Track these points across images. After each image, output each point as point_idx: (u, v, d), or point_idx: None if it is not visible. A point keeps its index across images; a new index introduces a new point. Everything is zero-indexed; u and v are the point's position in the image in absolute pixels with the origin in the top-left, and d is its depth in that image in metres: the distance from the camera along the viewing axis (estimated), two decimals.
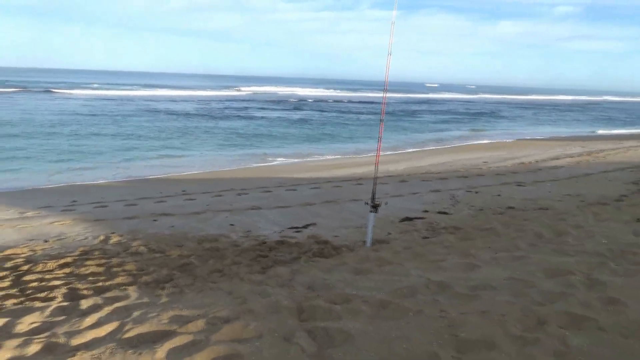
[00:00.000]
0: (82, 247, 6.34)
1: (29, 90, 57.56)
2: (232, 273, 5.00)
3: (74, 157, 17.62)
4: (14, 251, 6.13)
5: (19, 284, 4.71)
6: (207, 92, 72.44)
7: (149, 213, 8.90)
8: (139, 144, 21.39)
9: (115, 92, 62.53)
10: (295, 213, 8.81)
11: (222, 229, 7.59)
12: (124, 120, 30.09)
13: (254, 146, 22.05)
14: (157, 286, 4.52)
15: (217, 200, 10.19)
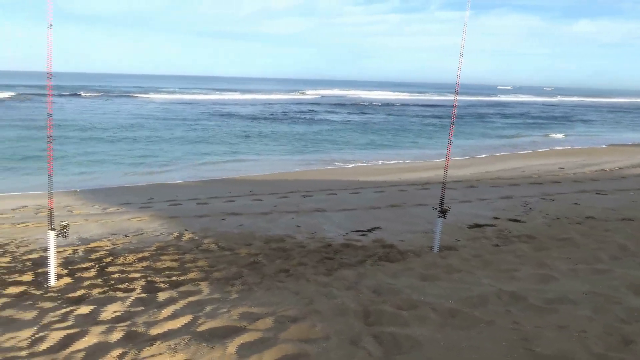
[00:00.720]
0: (158, 242, 6.71)
1: (111, 94, 61.80)
2: (298, 273, 5.07)
3: (150, 158, 18.70)
4: (98, 244, 6.59)
5: (103, 274, 5.06)
6: (273, 95, 74.20)
7: (218, 212, 9.24)
8: (209, 145, 22.30)
9: (188, 96, 65.59)
10: (359, 216, 8.79)
11: (288, 229, 7.73)
12: (195, 123, 31.53)
13: (318, 149, 22.27)
14: (227, 283, 4.68)
15: (283, 202, 10.39)
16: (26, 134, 24.27)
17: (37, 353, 3.12)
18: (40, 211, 9.57)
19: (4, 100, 47.95)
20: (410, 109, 54.63)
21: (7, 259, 5.82)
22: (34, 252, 6.11)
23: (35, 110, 37.47)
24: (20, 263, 5.60)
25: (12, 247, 6.45)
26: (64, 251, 6.09)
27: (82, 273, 5.07)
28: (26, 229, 7.76)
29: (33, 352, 3.13)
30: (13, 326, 3.50)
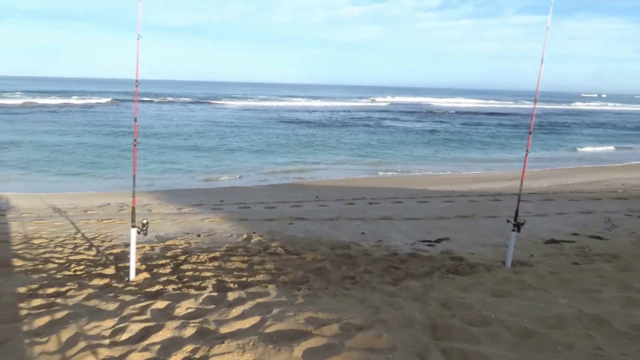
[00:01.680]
0: (228, 243, 6.94)
1: (188, 101, 65.06)
2: (364, 281, 5.04)
3: (221, 162, 19.46)
4: (173, 242, 6.94)
5: (178, 271, 5.31)
6: (343, 102, 74.50)
7: (285, 216, 9.41)
8: (277, 151, 22.83)
9: (259, 102, 67.59)
10: (427, 226, 8.59)
11: (354, 236, 7.71)
12: (263, 130, 32.41)
13: (384, 156, 22.09)
14: (294, 287, 4.74)
15: (348, 208, 10.39)
16: (111, 136, 26.19)
17: (117, 343, 3.33)
18: (122, 209, 10.25)
19: (102, 105, 52.24)
20: (483, 117, 52.76)
21: (93, 252, 6.27)
22: (117, 247, 6.54)
23: (120, 114, 40.35)
24: (104, 257, 6.02)
25: (97, 242, 6.95)
26: (142, 248, 6.47)
27: (159, 269, 5.36)
28: (110, 225, 8.34)
29: (114, 342, 3.34)
30: (97, 316, 3.76)
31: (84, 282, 4.75)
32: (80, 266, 5.47)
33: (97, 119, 36.75)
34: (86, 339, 3.34)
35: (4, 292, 4.33)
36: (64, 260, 5.76)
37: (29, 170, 16.63)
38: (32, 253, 6.14)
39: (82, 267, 5.42)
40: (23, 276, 4.98)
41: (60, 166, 17.64)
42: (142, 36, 4.77)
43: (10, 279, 4.81)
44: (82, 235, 7.48)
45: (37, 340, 3.33)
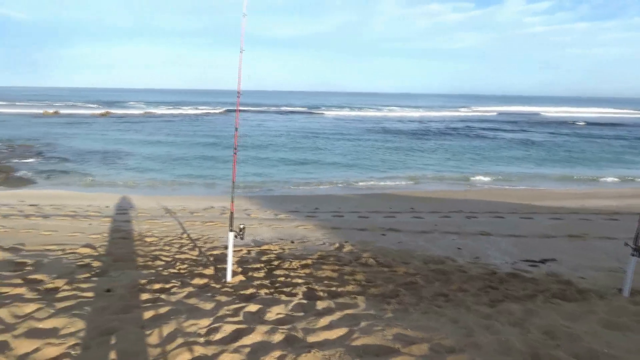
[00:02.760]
0: (320, 251, 7.02)
1: (289, 110, 67.56)
2: (457, 300, 4.80)
3: (317, 170, 19.84)
4: (268, 247, 7.18)
5: (271, 276, 5.48)
6: (443, 112, 72.40)
7: (378, 226, 9.31)
8: (372, 160, 22.77)
9: (358, 112, 68.14)
10: (530, 244, 7.98)
11: (449, 251, 7.39)
12: (361, 138, 32.55)
13: (484, 167, 21.02)
14: (384, 300, 4.65)
15: (444, 221, 10.01)
16: (218, 144, 27.99)
17: (211, 342, 3.50)
18: (224, 212, 10.85)
19: (216, 114, 56.40)
20: (598, 127, 48.13)
21: (195, 252, 6.70)
22: (217, 249, 6.92)
23: (229, 123, 43.04)
24: (205, 257, 6.40)
25: (200, 243, 7.42)
26: (240, 251, 6.78)
27: (254, 273, 5.56)
28: (212, 228, 8.86)
29: (208, 340, 3.52)
30: (195, 314, 3.99)
31: (186, 281, 5.08)
32: (184, 265, 5.86)
33: (209, 127, 39.57)
34: (184, 335, 3.56)
35: (118, 285, 4.78)
36: (171, 259, 6.22)
37: (146, 174, 18.31)
38: (144, 250, 6.72)
39: (185, 266, 5.80)
40: (135, 271, 5.45)
41: (172, 170, 19.19)
42: (244, 50, 5.04)
43: (124, 273, 5.29)
44: (187, 235, 8.04)
45: (142, 332, 3.62)
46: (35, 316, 3.80)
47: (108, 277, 5.13)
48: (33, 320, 3.71)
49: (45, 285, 4.70)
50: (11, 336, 3.43)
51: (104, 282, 4.89)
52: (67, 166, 19.13)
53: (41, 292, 4.48)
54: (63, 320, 3.74)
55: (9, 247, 6.58)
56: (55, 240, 7.31)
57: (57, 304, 4.09)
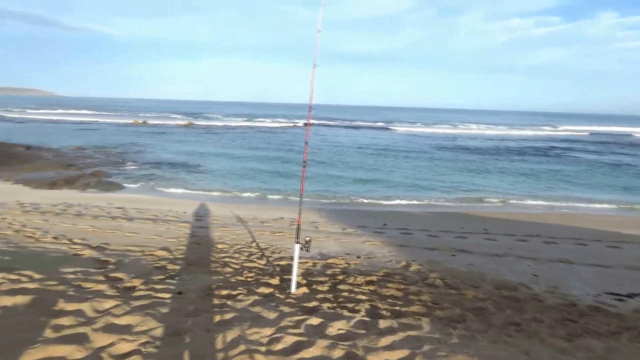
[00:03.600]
0: (385, 269, 6.91)
1: (359, 125, 67.73)
2: (531, 330, 4.50)
3: (387, 186, 19.63)
4: (334, 261, 7.19)
5: (334, 290, 5.47)
6: (523, 131, 69.00)
7: (448, 247, 9.01)
8: (444, 177, 22.15)
9: (432, 129, 66.85)
10: (617, 276, 7.34)
11: (524, 277, 6.98)
12: (431, 155, 31.83)
13: (564, 191, 19.71)
14: (449, 324, 4.47)
15: (520, 245, 9.48)
16: (293, 155, 28.64)
17: (272, 351, 3.54)
18: (293, 224, 11.03)
19: (287, 127, 58.07)
20: None
21: (263, 261, 6.86)
22: (284, 260, 7.04)
23: (297, 136, 43.98)
24: (272, 267, 6.52)
25: (268, 252, 7.58)
26: (306, 263, 6.84)
27: (318, 286, 5.58)
28: (280, 238, 9.03)
29: (269, 350, 3.56)
30: (259, 322, 4.06)
31: (252, 289, 5.21)
32: (251, 273, 6.02)
33: (281, 139, 40.68)
34: (246, 342, 3.63)
35: (190, 288, 4.99)
36: (239, 266, 6.41)
37: (222, 183, 19.10)
38: (215, 256, 6.98)
39: (252, 275, 5.95)
40: (206, 276, 5.67)
41: (246, 180, 19.86)
42: (317, 65, 5.14)
43: (196, 277, 5.53)
44: (256, 244, 8.25)
45: (209, 335, 3.74)
46: (113, 312, 4.06)
47: (181, 280, 5.38)
48: (110, 316, 3.96)
49: (124, 283, 5.02)
50: (91, 329, 3.69)
51: (176, 284, 5.13)
52: (152, 173, 20.43)
53: (120, 289, 4.79)
54: (137, 318, 3.97)
55: (96, 246, 7.12)
56: (136, 241, 7.81)
57: (133, 302, 4.35)
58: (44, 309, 4.06)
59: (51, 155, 22.75)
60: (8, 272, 5.01)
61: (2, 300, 4.14)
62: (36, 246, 6.79)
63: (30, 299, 4.23)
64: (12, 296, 4.25)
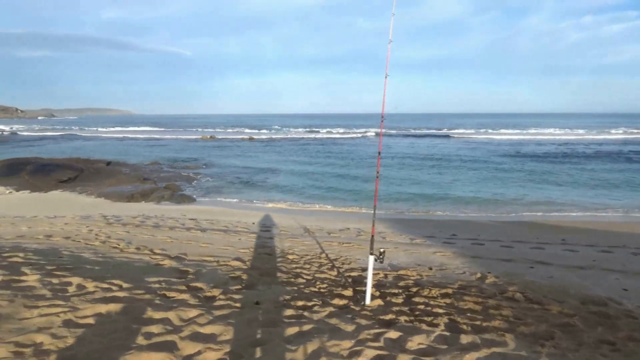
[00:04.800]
0: (460, 280, 6.69)
1: (424, 133, 66.64)
2: (628, 350, 4.17)
3: (452, 194, 19.08)
4: (405, 272, 7.06)
5: (410, 303, 5.36)
6: (602, 135, 64.64)
7: (524, 258, 8.59)
8: (513, 184, 21.21)
9: (497, 136, 64.51)
10: None
11: (612, 292, 6.49)
12: (497, 161, 30.62)
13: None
14: (536, 341, 4.23)
15: (604, 257, 8.85)
16: (360, 165, 28.65)
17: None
18: (359, 234, 10.99)
19: (350, 137, 58.42)
20: None
21: (334, 273, 6.87)
22: (354, 271, 7.01)
23: (371, 146, 43.97)
24: (344, 278, 6.52)
25: (338, 263, 7.59)
26: (377, 274, 6.78)
27: (392, 298, 5.50)
28: (349, 249, 9.02)
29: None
30: (337, 335, 4.06)
31: (326, 300, 5.22)
32: (323, 284, 6.04)
33: (344, 149, 40.86)
34: (327, 355, 3.64)
35: (265, 299, 5.10)
36: (311, 277, 6.46)
37: (287, 194, 19.44)
38: (287, 267, 7.09)
39: (325, 286, 5.98)
40: (280, 287, 5.77)
41: (310, 191, 20.09)
42: (389, 75, 5.11)
43: (270, 288, 5.63)
44: (325, 255, 8.29)
45: (288, 347, 3.79)
46: (197, 321, 4.21)
47: (256, 290, 5.50)
48: (195, 325, 4.12)
49: (204, 293, 5.21)
50: (178, 338, 3.85)
51: (253, 295, 5.26)
52: (220, 185, 21.19)
53: (201, 299, 4.97)
54: (220, 327, 4.09)
55: (175, 256, 7.46)
56: (211, 252, 8.10)
57: (215, 312, 4.50)
58: (134, 316, 4.30)
59: (129, 170, 24.22)
60: (100, 281, 5.36)
61: (98, 308, 4.43)
62: (121, 256, 7.23)
63: (121, 307, 4.50)
64: (106, 304, 4.53)
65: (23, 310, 4.29)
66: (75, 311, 4.32)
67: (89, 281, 5.33)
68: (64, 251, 7.30)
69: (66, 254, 7.08)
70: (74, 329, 3.93)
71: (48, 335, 3.75)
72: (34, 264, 6.07)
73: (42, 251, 7.14)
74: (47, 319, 4.10)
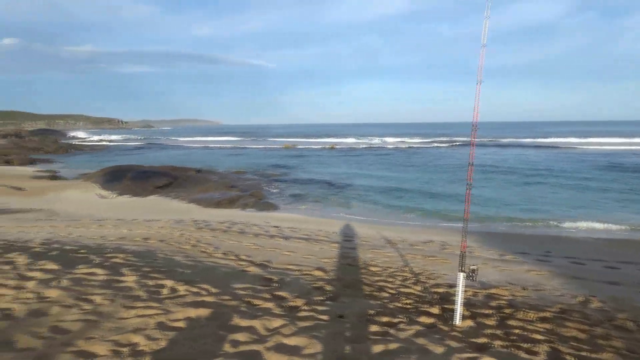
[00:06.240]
0: (559, 304, 6.12)
1: (530, 144, 63.23)
2: None
3: (547, 208, 17.77)
4: (497, 291, 6.60)
5: (504, 326, 4.97)
6: None
7: (634, 282, 7.71)
8: (613, 197, 19.31)
9: (595, 146, 59.66)
10: None
11: None
12: (593, 173, 28.14)
13: None
14: None
15: None
16: (446, 174, 27.82)
17: None
18: (444, 248, 10.54)
19: (432, 147, 57.26)
20: None
21: (419, 288, 6.60)
22: (440, 287, 6.68)
23: (460, 156, 42.70)
24: (430, 295, 6.23)
25: (423, 278, 7.30)
26: (465, 292, 6.39)
27: (483, 319, 5.14)
28: (433, 263, 8.66)
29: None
30: (427, 356, 3.84)
31: (412, 317, 5.00)
32: (408, 300, 5.81)
33: (426, 159, 39.94)
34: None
35: (349, 312, 4.99)
36: (395, 292, 6.25)
37: (367, 203, 19.26)
38: (370, 279, 6.93)
39: (410, 302, 5.74)
40: (363, 300, 5.63)
41: (390, 201, 19.74)
42: (483, 81, 4.82)
43: (354, 301, 5.51)
44: (409, 268, 8.02)
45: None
46: (282, 332, 4.20)
47: (340, 302, 5.41)
48: (280, 336, 4.11)
49: (288, 302, 5.21)
50: (264, 348, 3.86)
51: (336, 307, 5.17)
52: (301, 193, 21.51)
53: (285, 308, 4.98)
54: (304, 339, 4.04)
55: (259, 263, 7.60)
56: (293, 260, 8.15)
57: (299, 323, 4.46)
58: (221, 323, 4.39)
59: (216, 178, 25.41)
60: (190, 284, 5.56)
61: (188, 312, 4.58)
62: (209, 261, 7.50)
63: (209, 313, 4.62)
64: (195, 308, 4.68)
65: (122, 310, 4.54)
66: (168, 314, 4.50)
67: (180, 284, 5.56)
68: (159, 254, 7.72)
69: (160, 256, 7.48)
70: (167, 331, 4.08)
71: (143, 336, 3.92)
72: (132, 266, 6.46)
73: (139, 253, 7.61)
74: (142, 320, 4.30)
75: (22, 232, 9.84)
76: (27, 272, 5.75)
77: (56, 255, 6.94)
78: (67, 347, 3.66)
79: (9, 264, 6.14)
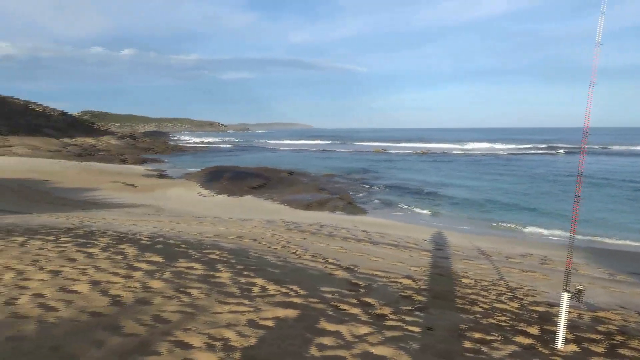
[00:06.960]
0: None
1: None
2: None
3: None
4: (606, 315, 5.98)
5: (614, 355, 4.47)
6: None
7: None
8: None
9: None
10: None
11: None
12: None
13: None
14: None
15: None
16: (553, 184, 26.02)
17: None
18: (544, 262, 9.81)
19: (550, 154, 53.95)
20: None
21: (515, 304, 6.17)
22: (540, 305, 6.20)
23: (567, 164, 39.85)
24: (527, 313, 5.80)
25: (520, 294, 6.82)
26: (569, 313, 5.87)
27: (590, 345, 4.68)
28: (532, 278, 8.08)
29: None
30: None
31: (508, 336, 4.68)
32: (504, 317, 5.46)
33: (525, 168, 37.58)
34: None
35: (439, 325, 4.79)
36: (489, 306, 5.91)
37: (459, 211, 18.52)
38: (461, 291, 6.62)
39: (505, 319, 5.39)
40: (454, 313, 5.39)
41: (485, 210, 18.80)
42: (595, 84, 4.40)
43: (444, 313, 5.30)
44: (504, 283, 7.55)
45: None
46: (369, 340, 4.14)
47: (429, 314, 5.22)
48: (366, 344, 4.05)
49: (375, 310, 5.14)
50: (350, 354, 3.83)
51: (425, 318, 5.00)
52: (390, 198, 21.26)
53: (372, 316, 4.91)
54: (391, 350, 3.95)
55: (347, 267, 7.60)
56: (381, 266, 8.05)
57: (386, 332, 4.37)
58: (308, 325, 4.43)
59: (307, 180, 25.99)
60: (280, 284, 5.71)
61: (277, 311, 4.69)
62: (298, 262, 7.64)
63: (297, 314, 4.69)
64: (284, 309, 4.78)
65: (216, 305, 4.77)
66: (258, 312, 4.64)
67: (270, 284, 5.73)
68: (251, 252, 8.03)
69: (253, 255, 7.78)
70: (256, 329, 4.21)
71: (234, 332, 4.08)
72: (227, 262, 6.78)
73: (234, 250, 7.98)
74: (235, 316, 4.48)
75: (132, 225, 10.77)
76: (135, 263, 6.27)
77: (160, 248, 7.50)
78: (166, 336, 3.91)
79: (120, 254, 6.74)
